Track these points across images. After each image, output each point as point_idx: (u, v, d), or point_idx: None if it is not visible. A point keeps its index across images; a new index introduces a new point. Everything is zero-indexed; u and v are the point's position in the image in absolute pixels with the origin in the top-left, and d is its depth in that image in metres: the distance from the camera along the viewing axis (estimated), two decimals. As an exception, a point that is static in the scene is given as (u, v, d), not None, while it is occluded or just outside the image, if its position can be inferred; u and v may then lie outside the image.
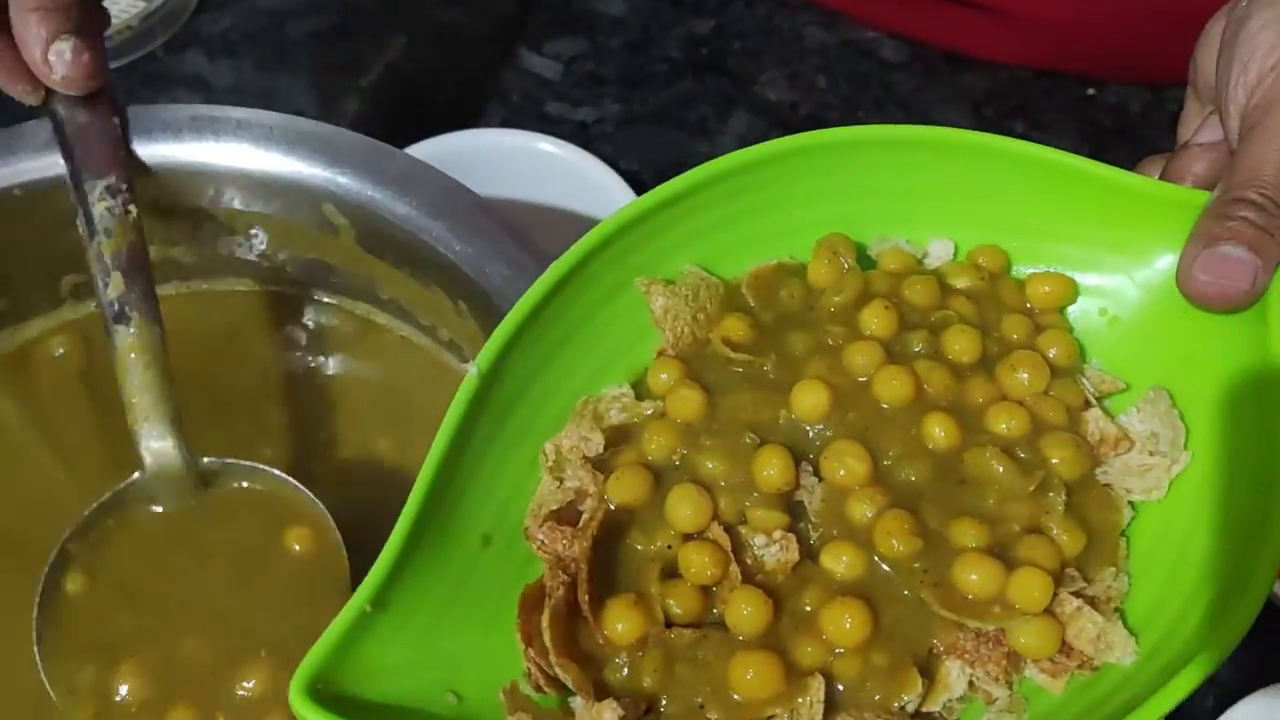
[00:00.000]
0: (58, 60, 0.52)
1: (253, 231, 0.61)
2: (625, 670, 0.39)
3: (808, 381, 0.43)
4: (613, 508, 0.41)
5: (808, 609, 0.40)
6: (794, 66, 0.44)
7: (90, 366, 0.61)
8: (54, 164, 0.56)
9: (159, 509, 0.53)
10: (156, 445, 0.52)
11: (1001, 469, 0.41)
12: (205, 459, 0.53)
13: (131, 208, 0.55)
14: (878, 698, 0.38)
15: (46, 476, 0.58)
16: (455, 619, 0.39)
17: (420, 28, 0.90)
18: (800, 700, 0.38)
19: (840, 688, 0.39)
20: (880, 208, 0.48)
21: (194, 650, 0.51)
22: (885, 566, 0.40)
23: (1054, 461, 0.42)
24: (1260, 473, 0.40)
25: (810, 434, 0.43)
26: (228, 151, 0.58)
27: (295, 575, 0.52)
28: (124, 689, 0.50)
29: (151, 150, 0.58)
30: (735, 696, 0.38)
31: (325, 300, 0.64)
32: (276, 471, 0.54)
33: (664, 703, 0.39)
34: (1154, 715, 0.35)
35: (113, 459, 0.56)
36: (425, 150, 0.72)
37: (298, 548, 0.53)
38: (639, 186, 0.71)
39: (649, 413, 0.44)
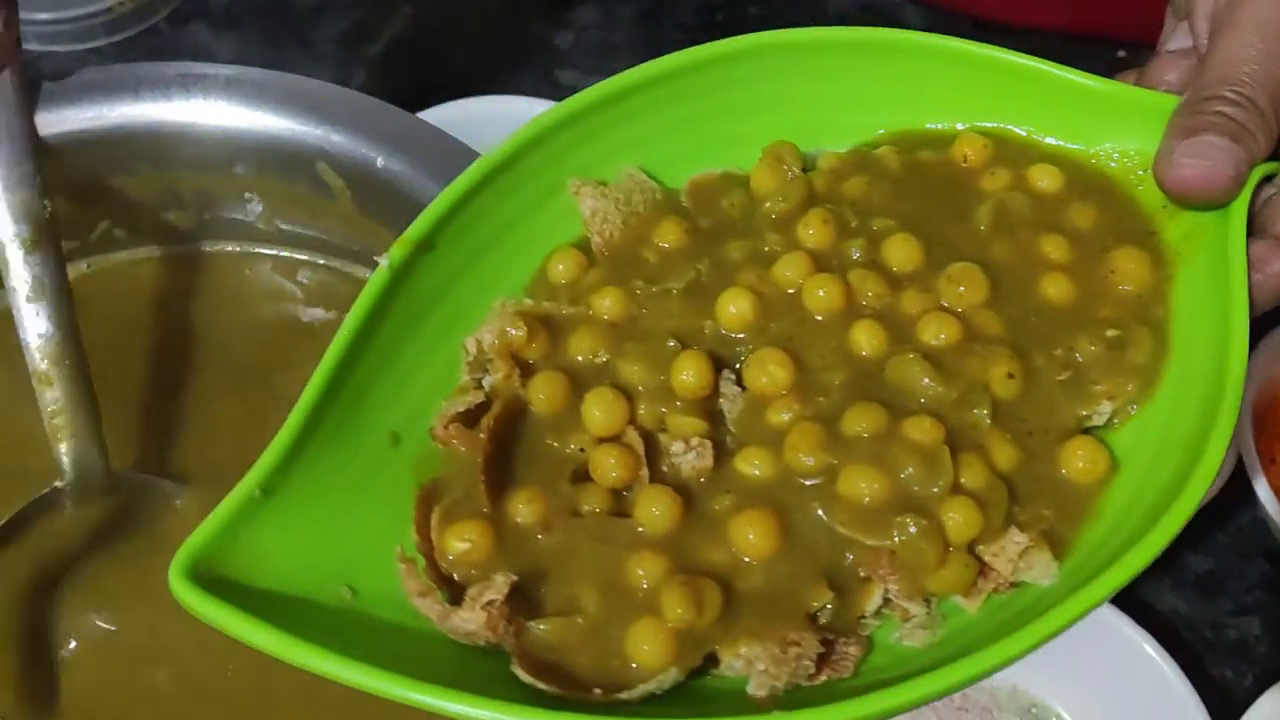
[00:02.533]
0: None
1: (247, 196, 0.60)
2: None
3: (733, 290, 0.42)
4: (531, 410, 0.40)
5: (717, 512, 0.38)
6: (813, 33, 0.44)
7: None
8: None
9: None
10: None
11: (925, 378, 0.39)
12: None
13: (47, 202, 0.52)
14: (783, 608, 0.37)
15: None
16: (359, 514, 0.38)
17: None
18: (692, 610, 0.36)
19: (744, 596, 0.37)
20: (830, 117, 0.46)
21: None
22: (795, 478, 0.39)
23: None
24: (1207, 392, 0.38)
25: (737, 344, 0.42)
26: (217, 110, 0.57)
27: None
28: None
29: (139, 110, 0.57)
30: (627, 589, 0.37)
31: (320, 262, 0.62)
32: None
33: (544, 585, 0.37)
34: (1060, 622, 0.34)
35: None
36: (433, 117, 0.71)
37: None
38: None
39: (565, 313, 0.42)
